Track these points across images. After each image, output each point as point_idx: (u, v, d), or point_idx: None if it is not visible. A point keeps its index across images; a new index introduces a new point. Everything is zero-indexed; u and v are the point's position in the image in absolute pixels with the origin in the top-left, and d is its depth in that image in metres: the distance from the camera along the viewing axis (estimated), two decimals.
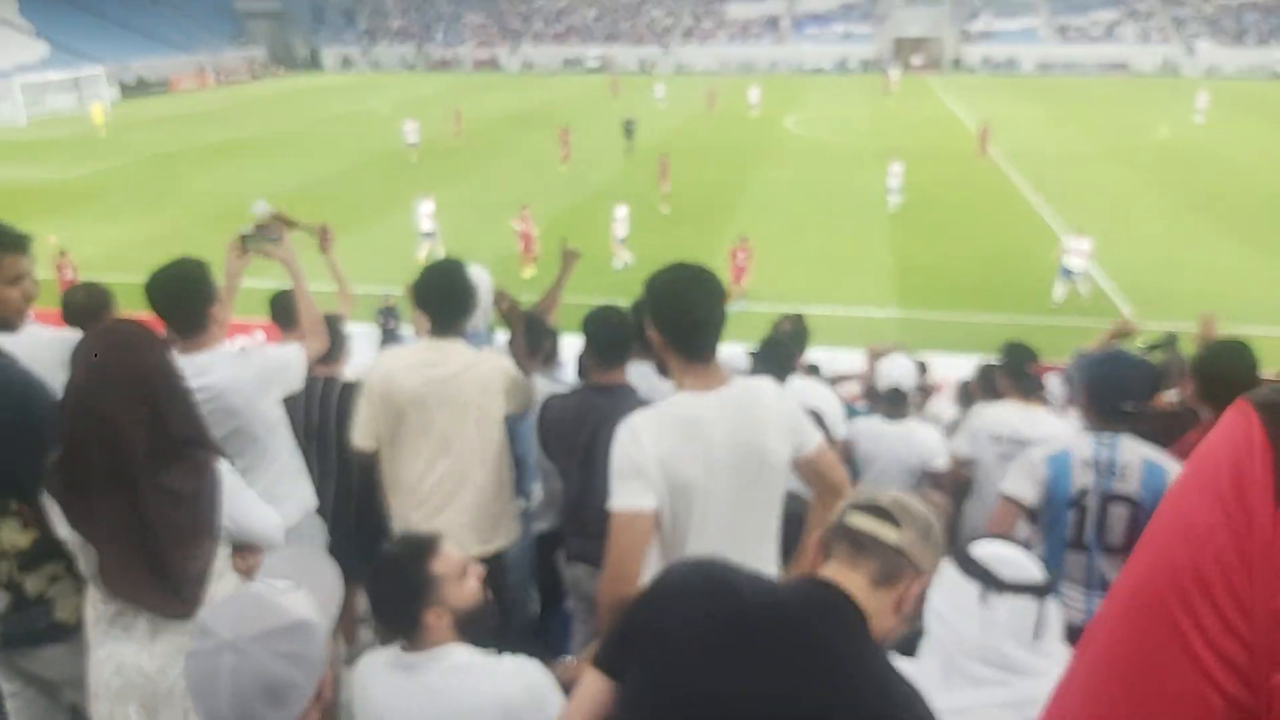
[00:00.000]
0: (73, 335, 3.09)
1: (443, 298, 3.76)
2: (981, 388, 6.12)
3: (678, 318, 2.55)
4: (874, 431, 5.41)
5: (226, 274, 3.74)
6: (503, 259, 18.06)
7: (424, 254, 18.72)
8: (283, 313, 4.52)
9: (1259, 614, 0.56)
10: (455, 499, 3.70)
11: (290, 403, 3.75)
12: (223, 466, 2.62)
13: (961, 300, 17.02)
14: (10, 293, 2.97)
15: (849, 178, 27.36)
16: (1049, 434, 4.48)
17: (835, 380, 7.53)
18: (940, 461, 5.26)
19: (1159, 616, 0.61)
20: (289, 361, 3.58)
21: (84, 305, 4.08)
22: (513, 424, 3.90)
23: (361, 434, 3.78)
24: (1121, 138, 34.06)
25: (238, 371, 3.37)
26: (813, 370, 6.90)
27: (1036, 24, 67.02)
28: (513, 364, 3.91)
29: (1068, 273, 16.67)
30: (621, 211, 19.13)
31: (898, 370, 5.48)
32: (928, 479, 5.30)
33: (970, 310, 16.44)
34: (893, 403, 5.49)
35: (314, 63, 73.97)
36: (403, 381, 3.66)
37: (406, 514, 3.76)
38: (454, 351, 3.73)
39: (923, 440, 5.34)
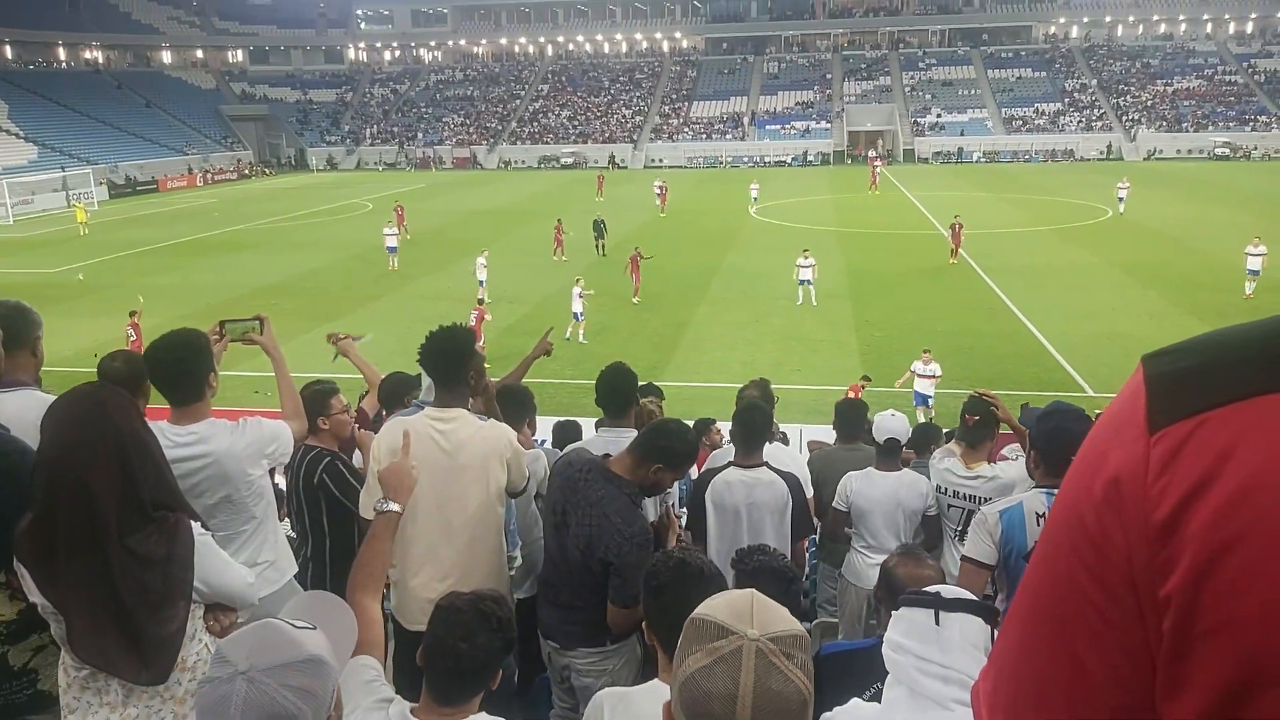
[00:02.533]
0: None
1: (447, 360, 3.82)
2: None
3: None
4: (870, 482, 5.49)
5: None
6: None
7: (481, 297, 23.06)
8: (390, 397, 5.29)
9: (1142, 528, 0.65)
10: (453, 566, 3.71)
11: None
12: (194, 528, 2.65)
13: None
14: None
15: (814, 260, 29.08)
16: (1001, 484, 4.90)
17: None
18: (934, 509, 5.41)
19: (1068, 538, 0.71)
20: (280, 434, 3.67)
21: (121, 373, 3.84)
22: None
23: (368, 504, 3.64)
24: (1069, 218, 36.43)
25: (234, 440, 3.48)
26: (782, 439, 7.14)
27: (984, 116, 70.87)
28: (516, 436, 3.94)
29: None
30: (576, 289, 20.98)
31: (892, 421, 5.54)
32: (926, 524, 5.44)
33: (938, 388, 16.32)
34: (888, 454, 5.54)
35: (300, 163, 76.73)
36: (412, 449, 3.66)
37: (405, 580, 3.79)
38: (460, 419, 3.76)
39: (914, 486, 5.43)
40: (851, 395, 13.76)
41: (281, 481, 5.57)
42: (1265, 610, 0.60)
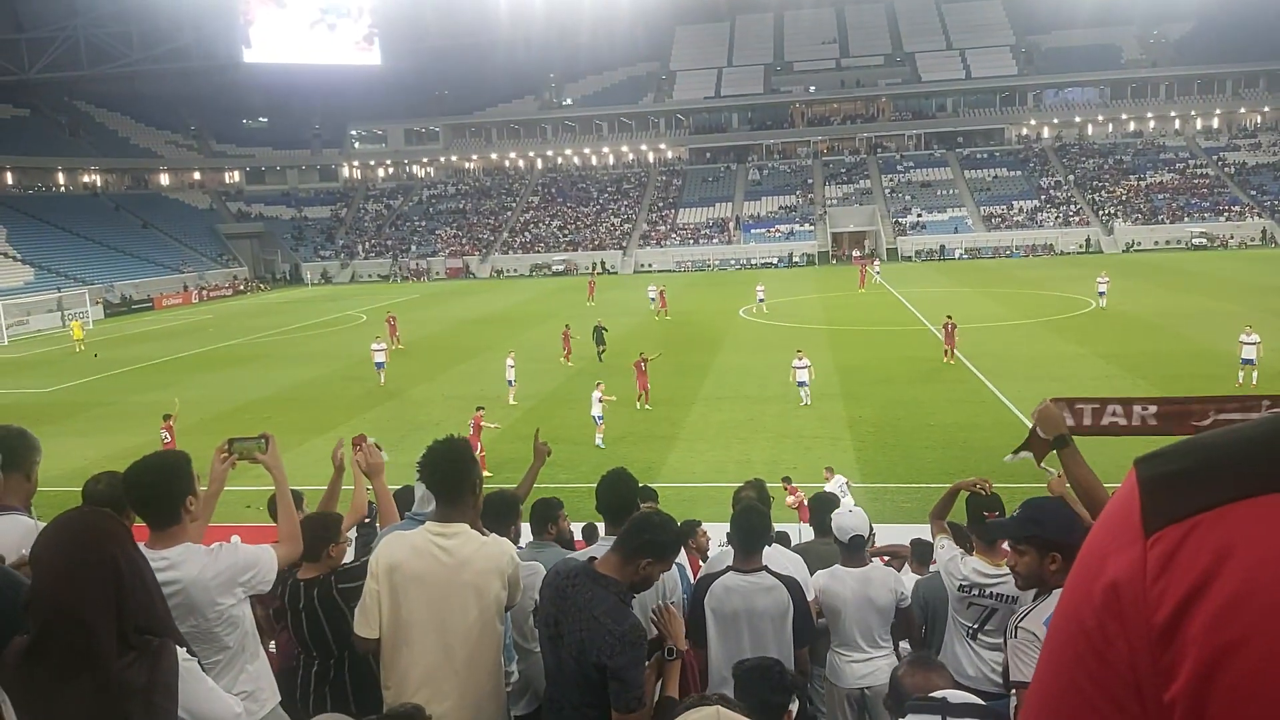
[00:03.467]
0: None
1: (448, 475, 3.74)
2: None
3: None
4: (837, 580, 5.43)
5: (211, 476, 3.86)
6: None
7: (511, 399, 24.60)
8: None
9: (1143, 632, 0.65)
10: (452, 688, 3.63)
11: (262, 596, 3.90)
12: (180, 653, 2.61)
13: (919, 473, 17.16)
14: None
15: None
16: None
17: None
18: (906, 601, 5.44)
19: (1072, 646, 0.71)
20: (258, 562, 3.58)
21: (106, 496, 3.78)
22: None
23: (364, 622, 3.67)
24: (1053, 310, 37.01)
25: (205, 569, 3.40)
26: (781, 538, 7.15)
27: (963, 214, 72.66)
28: (516, 552, 3.88)
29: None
30: (596, 393, 20.86)
31: (851, 519, 5.49)
32: (900, 617, 5.43)
33: (927, 481, 16.45)
34: (853, 550, 5.49)
35: (295, 277, 77.86)
36: (410, 567, 3.62)
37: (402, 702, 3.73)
38: (463, 535, 3.69)
39: (883, 581, 5.42)
40: (790, 500, 13.96)
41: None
42: (1270, 714, 0.60)
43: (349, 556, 4.87)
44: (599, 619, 3.55)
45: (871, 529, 6.19)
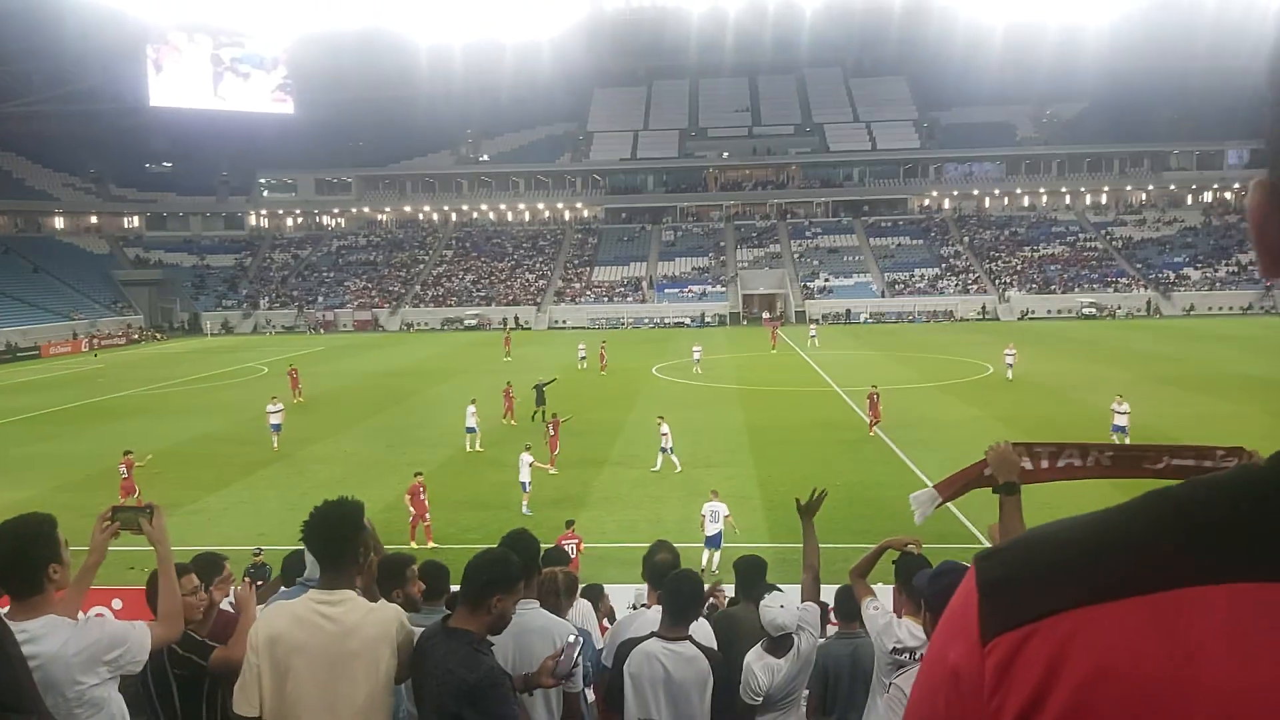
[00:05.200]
0: None
1: (330, 539, 3.55)
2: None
3: None
4: (771, 672, 5.21)
5: (91, 545, 3.65)
6: (386, 509, 18.84)
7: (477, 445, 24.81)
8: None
9: None
10: None
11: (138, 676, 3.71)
12: None
13: (828, 532, 17.16)
14: None
15: (714, 417, 29.66)
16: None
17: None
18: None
19: None
20: (127, 639, 3.37)
21: None
22: None
23: (244, 700, 3.44)
24: (953, 374, 38.20)
25: (67, 644, 3.20)
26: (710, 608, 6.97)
27: (868, 279, 75.04)
28: (406, 617, 3.74)
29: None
30: (525, 457, 20.14)
31: (782, 615, 5.19)
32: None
33: (836, 541, 15.73)
34: (781, 644, 5.26)
35: (194, 327, 75.25)
36: (292, 637, 3.41)
37: None
38: (349, 602, 3.50)
39: (806, 664, 5.31)
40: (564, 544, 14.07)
41: None
42: None
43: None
44: (452, 671, 3.49)
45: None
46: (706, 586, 6.94)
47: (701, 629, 5.45)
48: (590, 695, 5.25)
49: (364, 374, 43.55)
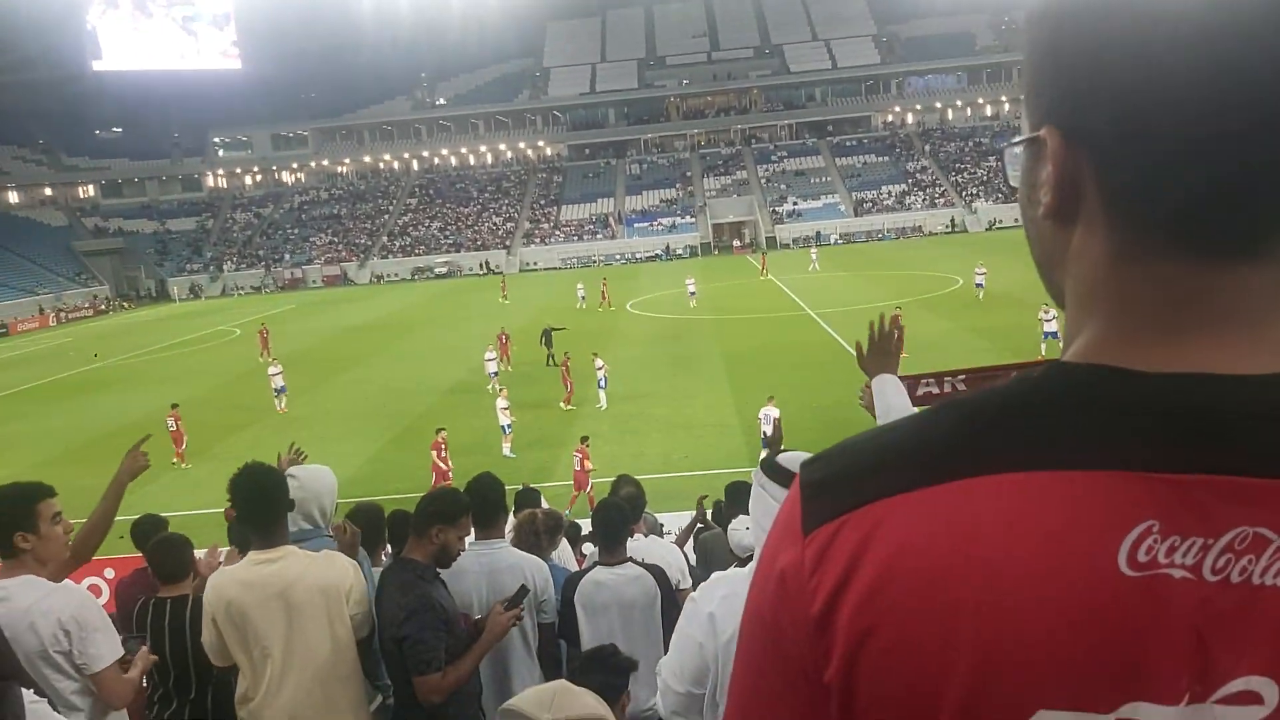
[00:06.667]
0: None
1: (255, 504, 3.60)
2: None
3: None
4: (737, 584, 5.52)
5: (116, 478, 3.99)
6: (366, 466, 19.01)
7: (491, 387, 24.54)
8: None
9: (804, 621, 0.76)
10: (307, 715, 3.53)
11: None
12: (26, 695, 2.49)
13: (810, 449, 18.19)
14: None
15: (691, 349, 29.94)
16: None
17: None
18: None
19: (758, 636, 0.82)
20: (102, 629, 3.37)
21: None
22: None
23: (215, 656, 3.68)
24: (925, 289, 38.53)
25: (37, 603, 3.22)
26: (657, 530, 7.28)
27: (836, 200, 74.95)
28: (356, 565, 3.80)
29: None
30: (501, 401, 20.54)
31: (748, 537, 5.29)
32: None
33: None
34: (744, 565, 5.58)
35: (161, 293, 74.31)
36: (238, 599, 3.49)
37: None
38: (288, 555, 3.56)
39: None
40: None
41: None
42: (904, 689, 0.71)
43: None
44: (390, 595, 3.73)
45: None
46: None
47: (664, 547, 5.68)
48: None
49: (337, 329, 43.33)
